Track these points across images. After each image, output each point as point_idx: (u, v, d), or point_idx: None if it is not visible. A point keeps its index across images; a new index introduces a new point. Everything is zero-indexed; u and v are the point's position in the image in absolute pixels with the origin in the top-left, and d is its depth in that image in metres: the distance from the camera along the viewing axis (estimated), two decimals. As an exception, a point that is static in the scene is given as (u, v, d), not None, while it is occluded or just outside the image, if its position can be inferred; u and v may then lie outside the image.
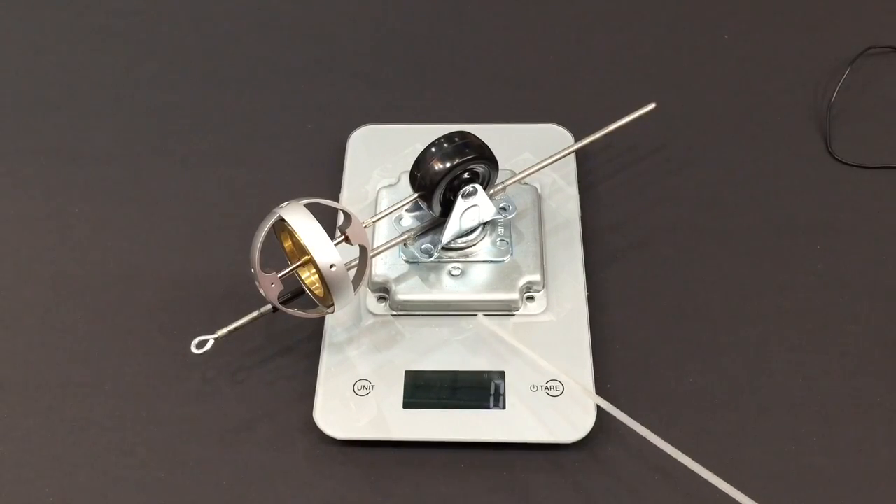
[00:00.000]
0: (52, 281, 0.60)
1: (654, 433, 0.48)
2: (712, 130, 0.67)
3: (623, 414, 0.49)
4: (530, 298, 0.56)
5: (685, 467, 0.47)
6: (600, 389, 0.53)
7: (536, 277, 0.56)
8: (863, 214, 0.61)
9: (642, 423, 0.48)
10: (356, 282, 0.52)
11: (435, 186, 0.53)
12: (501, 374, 0.53)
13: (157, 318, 0.58)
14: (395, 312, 0.56)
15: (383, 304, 0.56)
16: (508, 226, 0.58)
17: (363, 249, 0.52)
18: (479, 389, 0.52)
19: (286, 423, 0.53)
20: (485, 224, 0.57)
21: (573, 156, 0.63)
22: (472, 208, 0.55)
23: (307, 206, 0.50)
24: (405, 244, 0.57)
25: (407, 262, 0.56)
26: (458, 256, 0.56)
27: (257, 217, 0.50)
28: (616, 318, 0.57)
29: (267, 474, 0.51)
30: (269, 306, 0.52)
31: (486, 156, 0.54)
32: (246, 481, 0.51)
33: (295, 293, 0.54)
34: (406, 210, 0.58)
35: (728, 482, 0.46)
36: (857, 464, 0.51)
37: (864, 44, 0.70)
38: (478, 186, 0.54)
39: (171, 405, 0.54)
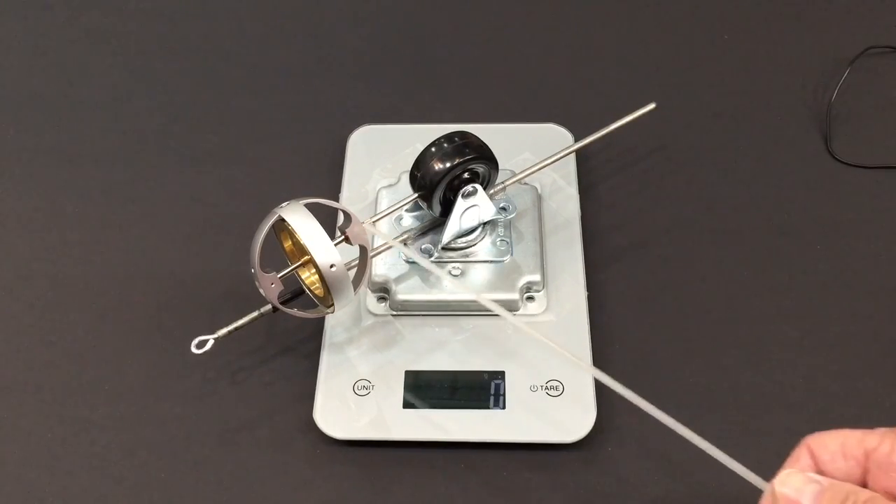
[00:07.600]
0: (52, 281, 0.60)
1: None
2: (712, 130, 0.67)
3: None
4: (530, 298, 0.56)
5: (684, 467, 0.47)
6: (600, 389, 0.52)
7: (536, 277, 0.56)
8: (863, 214, 0.61)
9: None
10: (356, 282, 0.52)
11: (435, 186, 0.53)
12: (501, 374, 0.53)
13: (157, 318, 0.58)
14: (395, 312, 0.56)
15: (383, 304, 0.56)
16: (508, 226, 0.58)
17: (363, 249, 0.52)
18: (479, 389, 0.52)
19: (286, 423, 0.53)
20: (485, 224, 0.57)
21: (573, 156, 0.63)
22: (472, 208, 0.55)
23: (307, 206, 0.50)
24: (405, 244, 0.57)
25: (407, 262, 0.56)
26: (458, 256, 0.56)
27: (257, 217, 0.50)
28: (616, 318, 0.57)
29: (267, 474, 0.51)
30: (269, 306, 0.52)
31: (486, 156, 0.54)
32: (246, 481, 0.51)
33: (295, 293, 0.54)
34: (406, 210, 0.58)
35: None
36: (857, 464, 0.50)
37: (864, 44, 0.70)
38: (478, 186, 0.54)
39: (171, 405, 0.54)
